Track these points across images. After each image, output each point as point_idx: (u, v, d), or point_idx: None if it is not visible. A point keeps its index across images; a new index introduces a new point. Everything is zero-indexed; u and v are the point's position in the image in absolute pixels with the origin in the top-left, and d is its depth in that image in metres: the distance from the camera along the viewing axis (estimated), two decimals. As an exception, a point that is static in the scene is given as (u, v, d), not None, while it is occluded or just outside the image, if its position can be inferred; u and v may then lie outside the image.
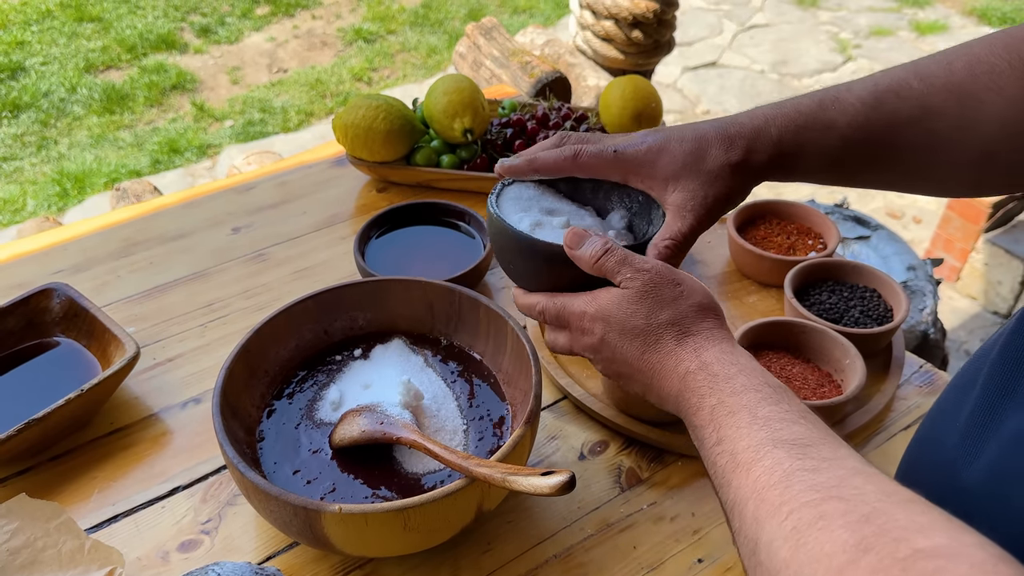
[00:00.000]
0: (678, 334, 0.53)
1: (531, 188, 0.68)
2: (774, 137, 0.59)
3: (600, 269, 0.56)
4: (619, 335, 0.55)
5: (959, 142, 0.57)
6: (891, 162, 0.60)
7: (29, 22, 3.68)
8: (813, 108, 0.59)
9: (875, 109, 0.58)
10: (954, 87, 0.56)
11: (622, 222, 0.67)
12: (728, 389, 0.49)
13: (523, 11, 3.95)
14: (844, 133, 0.58)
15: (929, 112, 0.57)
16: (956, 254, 2.43)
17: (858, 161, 0.60)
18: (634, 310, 0.54)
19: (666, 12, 1.60)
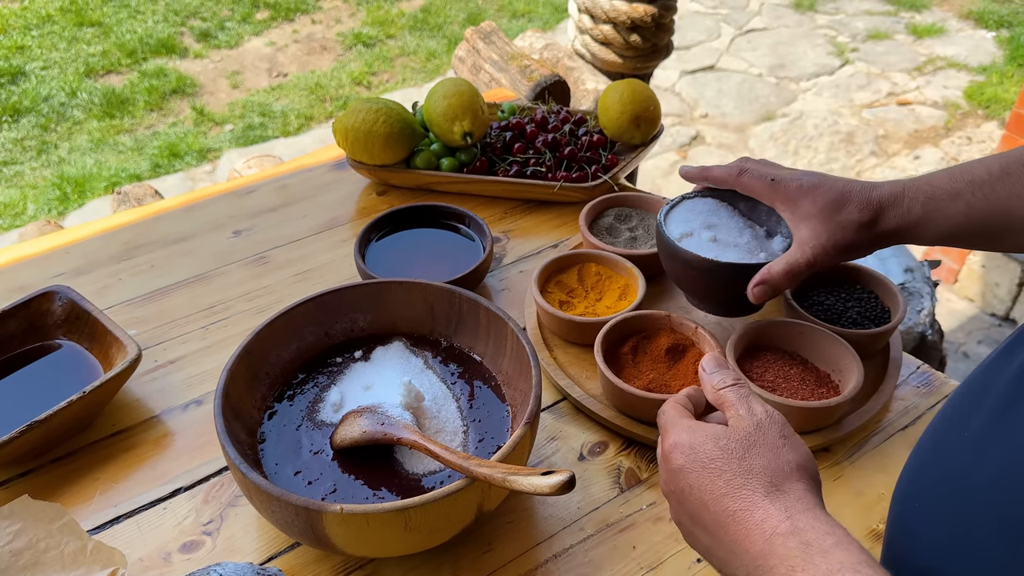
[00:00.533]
0: (769, 487, 0.47)
1: (708, 203, 0.82)
2: (904, 207, 0.67)
3: (719, 399, 0.54)
4: (702, 469, 0.49)
5: None
6: (1011, 230, 0.63)
7: (29, 27, 3.69)
8: (943, 179, 0.65)
9: (1001, 180, 0.62)
10: None
11: (782, 245, 0.77)
12: (824, 566, 0.43)
13: (521, 15, 3.97)
14: (969, 202, 0.63)
15: None
16: (954, 256, 2.44)
17: (979, 228, 0.65)
18: (728, 447, 0.49)
19: (664, 16, 1.60)
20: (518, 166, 1.08)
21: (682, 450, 0.51)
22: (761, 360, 0.79)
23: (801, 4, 4.06)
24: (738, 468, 0.48)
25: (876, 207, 0.68)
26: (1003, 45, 3.69)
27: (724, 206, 0.81)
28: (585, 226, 0.94)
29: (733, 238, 0.78)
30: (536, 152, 1.09)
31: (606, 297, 0.88)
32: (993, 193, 0.63)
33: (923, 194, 0.66)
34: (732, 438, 0.50)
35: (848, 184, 0.70)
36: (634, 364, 0.79)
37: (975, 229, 0.65)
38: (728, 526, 0.47)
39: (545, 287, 0.88)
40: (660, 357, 0.79)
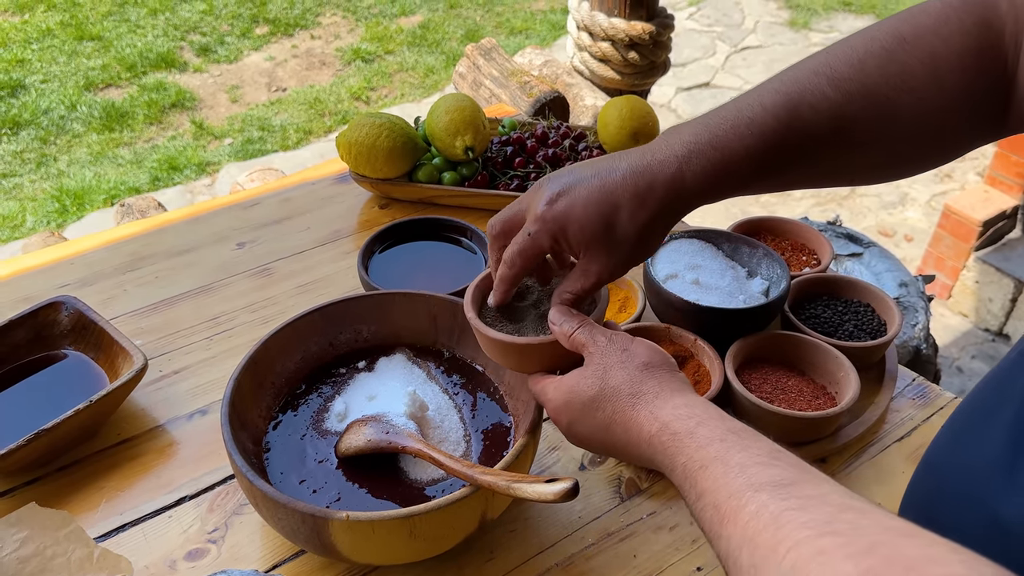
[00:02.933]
0: (631, 398, 0.54)
1: (694, 244, 0.87)
2: (688, 184, 0.56)
3: (574, 343, 0.58)
4: (581, 414, 0.57)
5: (873, 145, 0.57)
6: (806, 171, 0.59)
7: (29, 40, 3.71)
8: (729, 137, 0.56)
9: (790, 127, 0.56)
10: (869, 93, 0.55)
11: (761, 286, 0.83)
12: (693, 444, 0.49)
13: (519, 32, 4.00)
14: (762, 156, 0.56)
15: (845, 122, 0.55)
16: (947, 272, 2.46)
17: (774, 175, 0.58)
18: (589, 383, 0.56)
19: (661, 34, 1.63)
20: (519, 180, 1.09)
21: (560, 410, 0.58)
22: (759, 371, 0.81)
23: (796, 22, 4.11)
24: (603, 397, 0.55)
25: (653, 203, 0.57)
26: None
27: (708, 247, 0.89)
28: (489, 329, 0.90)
29: (715, 280, 0.84)
30: (537, 166, 1.10)
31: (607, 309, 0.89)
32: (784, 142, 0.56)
33: (708, 161, 0.56)
34: (587, 375, 0.57)
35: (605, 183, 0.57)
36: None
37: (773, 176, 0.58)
38: (627, 446, 0.55)
39: (546, 299, 0.89)
40: None
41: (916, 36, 0.54)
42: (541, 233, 0.58)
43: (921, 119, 0.55)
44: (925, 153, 0.58)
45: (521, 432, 0.65)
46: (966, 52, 0.53)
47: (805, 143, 0.56)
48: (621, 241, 0.58)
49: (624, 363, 0.56)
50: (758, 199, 2.89)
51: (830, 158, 0.58)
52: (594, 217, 0.57)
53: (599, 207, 0.57)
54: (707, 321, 0.81)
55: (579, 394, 0.57)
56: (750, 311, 0.80)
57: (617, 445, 0.56)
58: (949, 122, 0.56)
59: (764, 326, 0.83)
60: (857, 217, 2.82)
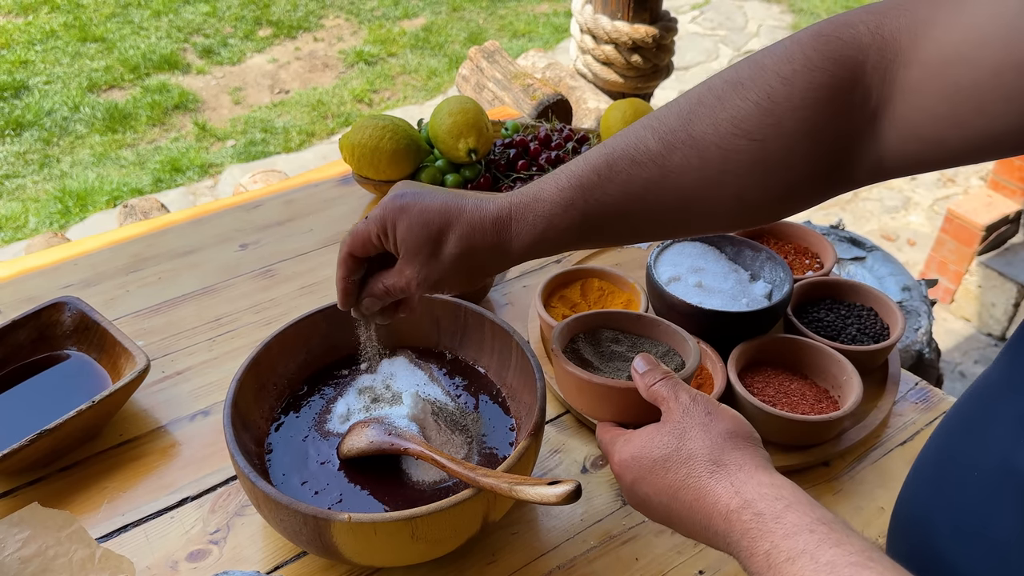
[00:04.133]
0: (710, 466, 0.50)
1: (697, 247, 0.87)
2: (514, 230, 0.58)
3: (653, 395, 0.56)
4: (648, 473, 0.52)
5: (706, 193, 0.54)
6: (641, 221, 0.57)
7: (33, 42, 3.72)
8: (553, 194, 0.57)
9: (610, 180, 0.55)
10: (694, 141, 0.52)
11: (764, 289, 0.83)
12: (780, 532, 0.45)
13: (522, 35, 4.01)
14: (583, 209, 0.56)
15: (669, 172, 0.53)
16: (950, 276, 2.46)
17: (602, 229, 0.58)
18: (664, 441, 0.52)
19: (665, 37, 1.63)
20: (522, 183, 1.09)
21: (627, 465, 0.54)
22: (762, 375, 0.80)
23: (799, 26, 4.11)
24: (678, 458, 0.51)
25: (480, 234, 0.58)
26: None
27: (712, 250, 0.89)
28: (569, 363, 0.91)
29: (718, 283, 0.84)
30: (539, 169, 1.10)
31: (609, 312, 0.89)
32: (604, 195, 0.56)
33: (535, 212, 0.57)
34: (663, 432, 0.53)
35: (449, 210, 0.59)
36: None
37: (596, 230, 0.58)
38: (693, 515, 0.50)
39: (548, 302, 0.89)
40: None
41: (754, 78, 0.51)
42: (374, 220, 0.60)
43: (762, 165, 0.51)
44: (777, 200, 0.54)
45: (523, 434, 0.65)
46: (810, 89, 0.49)
47: (627, 194, 0.55)
48: (439, 260, 0.59)
49: (707, 427, 0.52)
50: (760, 203, 2.89)
51: (662, 210, 0.56)
52: (424, 226, 0.58)
53: (433, 218, 0.58)
54: (710, 324, 0.81)
55: (651, 451, 0.52)
56: (753, 314, 0.80)
57: (683, 515, 0.51)
58: (795, 167, 0.51)
59: (767, 329, 0.83)
60: (860, 221, 2.82)
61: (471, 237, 0.58)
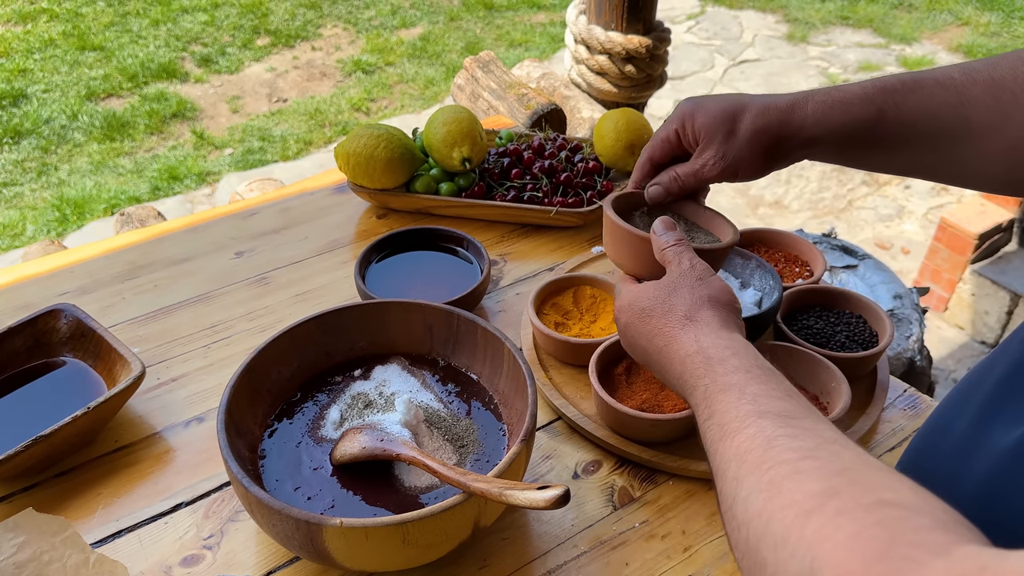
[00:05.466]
0: (683, 320, 0.59)
1: None
2: (808, 111, 0.66)
3: (663, 257, 0.64)
4: (637, 318, 0.62)
5: (990, 132, 0.60)
6: (922, 142, 0.64)
7: (32, 50, 3.74)
8: (854, 87, 0.65)
9: (913, 91, 0.63)
10: (993, 81, 0.60)
11: (754, 298, 0.85)
12: (720, 370, 0.53)
13: (519, 45, 4.03)
14: (881, 107, 0.64)
15: (965, 100, 0.61)
16: (944, 284, 2.47)
17: (886, 135, 0.65)
18: (654, 294, 0.62)
19: (658, 48, 1.64)
20: (515, 191, 1.10)
21: (622, 309, 0.64)
22: (751, 382, 0.81)
23: (794, 36, 4.14)
24: (661, 309, 0.61)
25: (775, 112, 0.67)
26: (991, 78, 3.76)
27: None
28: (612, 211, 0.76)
29: None
30: (533, 178, 1.12)
31: (600, 319, 0.90)
32: (904, 102, 0.64)
33: (831, 97, 0.66)
34: (659, 287, 0.62)
35: (744, 98, 0.69)
36: (628, 385, 0.81)
37: (882, 135, 0.65)
38: (661, 358, 0.60)
39: (541, 309, 0.90)
40: (653, 378, 0.81)
41: None
42: (673, 120, 0.71)
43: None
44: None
45: (515, 440, 0.66)
46: None
47: (923, 113, 0.63)
48: (736, 138, 0.68)
49: (693, 288, 0.60)
50: (755, 210, 2.91)
51: (944, 135, 0.63)
52: (719, 111, 0.68)
53: (726, 105, 0.68)
54: None
55: (642, 300, 0.62)
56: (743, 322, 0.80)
57: (655, 357, 0.60)
58: None
59: (757, 337, 0.84)
60: (854, 230, 2.83)
61: (766, 114, 0.67)
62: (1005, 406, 0.49)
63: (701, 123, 0.68)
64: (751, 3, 4.48)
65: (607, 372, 0.82)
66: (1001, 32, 4.16)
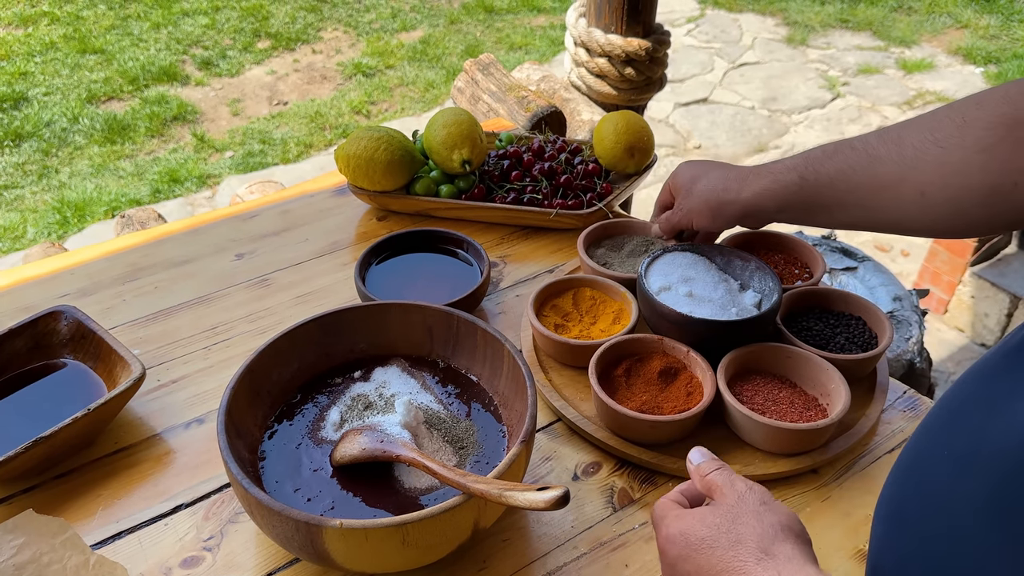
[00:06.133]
0: (759, 553, 0.49)
1: (687, 257, 0.89)
2: (746, 184, 0.82)
3: (707, 484, 0.56)
4: (693, 550, 0.51)
5: (898, 183, 0.69)
6: (845, 199, 0.75)
7: (33, 53, 3.74)
8: (785, 161, 0.80)
9: (831, 157, 0.75)
10: (900, 139, 0.70)
11: (753, 299, 0.86)
12: None
13: (519, 48, 4.04)
14: (803, 174, 0.77)
15: (873, 160, 0.71)
16: (943, 287, 2.47)
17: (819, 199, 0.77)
18: (716, 522, 0.52)
19: (658, 50, 1.65)
20: (515, 193, 1.10)
21: (674, 540, 0.53)
22: (751, 383, 0.81)
23: (793, 39, 4.15)
24: (727, 541, 0.50)
25: (722, 181, 0.84)
26: (991, 80, 3.77)
27: (701, 260, 0.89)
28: (583, 250, 0.96)
29: (708, 292, 0.85)
30: (533, 180, 1.12)
31: (600, 321, 0.90)
32: (821, 167, 0.76)
33: (766, 170, 0.81)
34: (717, 514, 0.52)
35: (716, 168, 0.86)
36: (627, 386, 0.81)
37: (809, 198, 0.77)
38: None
39: (541, 311, 0.90)
40: (653, 379, 0.81)
41: (961, 103, 0.67)
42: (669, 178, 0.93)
43: (941, 167, 0.66)
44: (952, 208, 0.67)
45: (514, 442, 0.66)
46: (997, 116, 0.63)
47: (840, 171, 0.74)
48: (691, 196, 0.87)
49: (760, 515, 0.52)
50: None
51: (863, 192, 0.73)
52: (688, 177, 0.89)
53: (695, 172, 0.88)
54: (700, 333, 0.82)
55: (701, 529, 0.52)
56: (742, 323, 0.81)
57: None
58: (970, 175, 0.65)
59: (756, 338, 0.84)
60: (854, 232, 2.83)
61: (719, 180, 0.84)
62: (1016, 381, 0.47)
63: (678, 180, 0.90)
64: (751, 6, 4.49)
65: (607, 374, 0.82)
66: (1000, 35, 4.16)
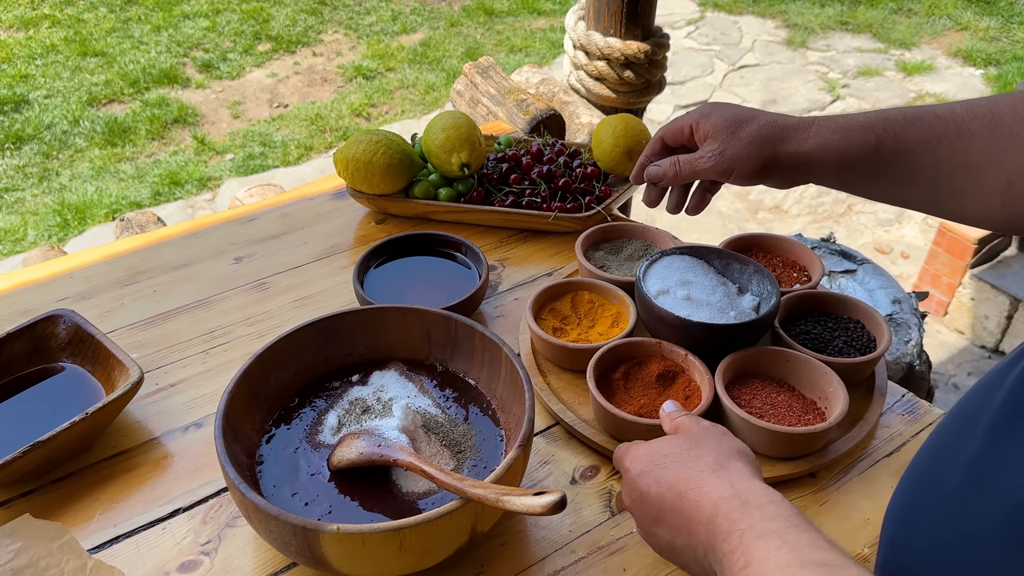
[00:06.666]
0: (714, 466, 0.55)
1: (685, 260, 0.88)
2: (812, 132, 0.70)
3: (674, 426, 0.63)
4: (656, 466, 0.57)
5: (987, 165, 0.61)
6: (921, 174, 0.66)
7: (34, 56, 3.75)
8: (859, 115, 0.69)
9: (913, 123, 0.65)
10: (993, 116, 0.61)
11: (751, 303, 0.85)
12: (759, 515, 0.49)
13: (519, 50, 4.04)
14: (880, 136, 0.67)
15: (964, 134, 0.62)
16: (943, 289, 2.47)
17: (884, 164, 0.68)
18: (678, 443, 0.58)
19: (657, 53, 1.65)
20: (514, 196, 1.10)
21: (638, 458, 0.58)
22: (749, 387, 0.81)
23: (793, 41, 4.15)
24: (687, 456, 0.56)
25: (780, 127, 0.73)
26: (991, 82, 3.77)
27: (700, 263, 0.89)
28: (581, 253, 0.96)
29: (706, 296, 0.85)
30: (531, 183, 1.12)
31: (599, 324, 0.90)
32: (903, 132, 0.67)
33: (835, 123, 0.70)
34: (680, 438, 0.59)
35: (759, 111, 0.75)
36: (625, 390, 0.81)
37: (880, 164, 0.68)
38: (683, 507, 0.53)
39: (539, 314, 0.90)
40: (651, 383, 0.81)
41: None
42: (692, 113, 0.76)
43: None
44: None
45: (512, 446, 0.66)
46: None
47: (924, 140, 0.65)
48: (738, 139, 0.73)
49: (719, 442, 0.57)
50: (755, 215, 2.91)
51: (942, 168, 0.64)
52: (732, 115, 0.74)
53: (740, 112, 0.75)
54: (698, 336, 0.82)
55: (663, 448, 0.58)
56: (740, 327, 0.81)
57: (673, 502, 0.54)
58: None
59: (754, 342, 0.84)
60: (854, 234, 2.83)
61: (771, 126, 0.72)
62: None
63: (714, 121, 0.75)
64: (751, 8, 4.49)
65: (605, 377, 0.82)
66: (1000, 37, 4.16)
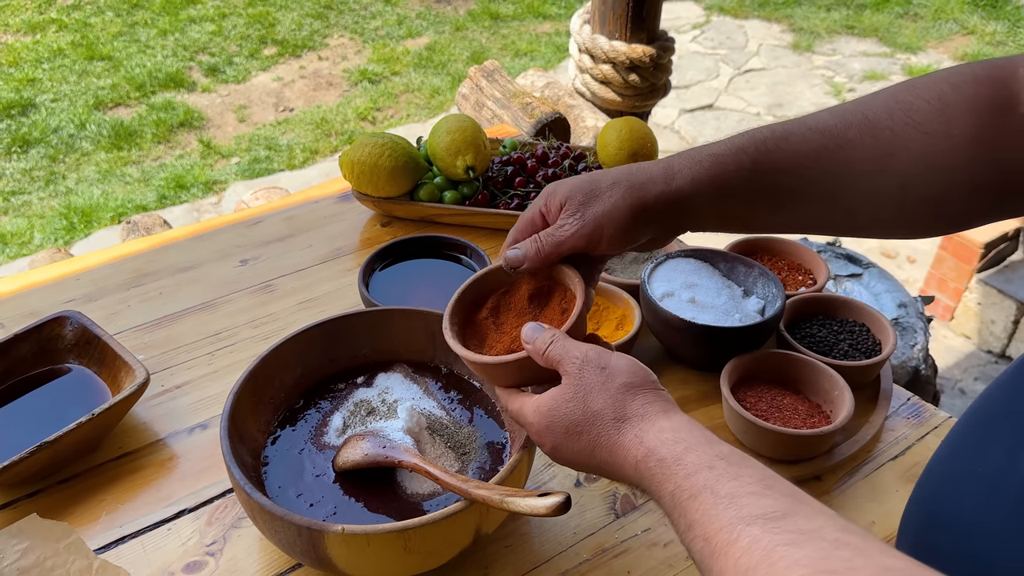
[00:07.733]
0: (615, 422, 0.53)
1: (690, 263, 0.88)
2: (677, 168, 0.60)
3: (548, 361, 0.57)
4: (564, 439, 0.55)
5: (876, 174, 0.57)
6: (808, 191, 0.59)
7: (41, 60, 3.77)
8: (724, 142, 0.60)
9: (786, 139, 0.59)
10: (869, 121, 0.57)
11: (757, 306, 0.84)
12: (680, 472, 0.47)
13: (524, 54, 4.05)
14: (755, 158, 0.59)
15: (843, 144, 0.57)
16: (950, 293, 2.46)
17: (774, 190, 0.60)
18: (570, 407, 0.54)
19: (662, 57, 1.65)
20: (519, 199, 1.11)
21: (542, 432, 0.57)
22: (754, 390, 0.81)
23: (799, 45, 4.15)
24: (585, 421, 0.54)
25: (641, 172, 0.61)
26: (996, 87, 3.76)
27: (705, 266, 0.89)
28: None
29: (711, 298, 0.85)
30: (536, 186, 1.12)
31: (604, 326, 0.90)
32: (778, 149, 0.59)
33: (700, 153, 0.61)
34: (567, 398, 0.55)
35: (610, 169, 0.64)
36: (496, 327, 0.67)
37: (761, 187, 0.60)
38: (612, 469, 0.54)
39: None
40: (524, 309, 0.67)
41: (926, 82, 0.57)
42: (537, 200, 0.65)
43: (927, 159, 0.55)
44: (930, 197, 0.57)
45: (516, 448, 0.66)
46: (978, 99, 0.54)
47: (803, 155, 0.58)
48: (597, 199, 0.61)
49: (605, 384, 0.54)
50: (760, 220, 2.90)
51: (825, 181, 0.58)
52: (580, 182, 0.63)
53: (589, 177, 0.63)
54: (703, 339, 0.82)
55: (560, 418, 0.55)
56: (746, 329, 0.81)
57: (603, 468, 0.54)
58: (957, 169, 0.55)
59: (760, 345, 0.84)
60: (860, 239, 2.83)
61: (630, 174, 0.61)
62: None
63: (564, 192, 0.62)
64: (756, 12, 4.49)
65: (471, 320, 0.75)
66: (1007, 41, 4.16)
